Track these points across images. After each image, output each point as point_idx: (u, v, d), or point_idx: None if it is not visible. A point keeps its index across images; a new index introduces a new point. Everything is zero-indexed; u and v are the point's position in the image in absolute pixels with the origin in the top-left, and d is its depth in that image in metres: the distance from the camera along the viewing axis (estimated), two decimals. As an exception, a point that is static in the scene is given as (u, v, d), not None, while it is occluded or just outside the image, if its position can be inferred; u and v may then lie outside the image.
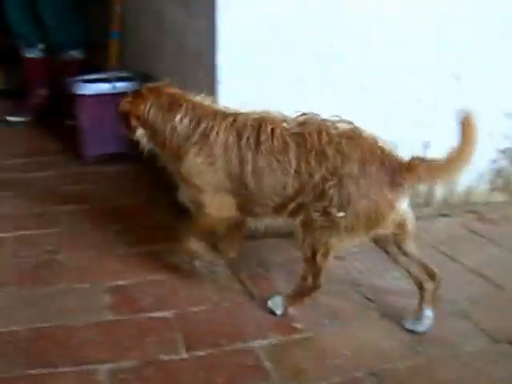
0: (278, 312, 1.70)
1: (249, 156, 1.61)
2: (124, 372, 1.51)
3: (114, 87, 2.72)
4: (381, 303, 1.83)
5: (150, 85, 1.81)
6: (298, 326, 1.70)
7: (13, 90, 3.58)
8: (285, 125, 1.62)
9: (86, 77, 2.80)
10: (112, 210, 2.41)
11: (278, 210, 1.65)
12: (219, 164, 1.64)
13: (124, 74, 2.83)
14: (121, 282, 1.90)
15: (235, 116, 1.67)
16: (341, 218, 1.53)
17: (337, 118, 1.60)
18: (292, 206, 1.61)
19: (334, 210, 1.53)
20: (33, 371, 1.50)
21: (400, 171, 1.53)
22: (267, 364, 1.55)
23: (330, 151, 1.54)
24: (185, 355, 1.58)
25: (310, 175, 1.57)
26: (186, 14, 2.27)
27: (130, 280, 1.91)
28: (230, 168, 1.63)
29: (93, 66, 3.21)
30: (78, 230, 2.23)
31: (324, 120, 1.61)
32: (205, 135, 1.65)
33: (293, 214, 1.63)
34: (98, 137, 2.79)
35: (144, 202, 2.48)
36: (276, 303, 1.71)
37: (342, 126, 1.59)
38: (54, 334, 1.65)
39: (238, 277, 1.93)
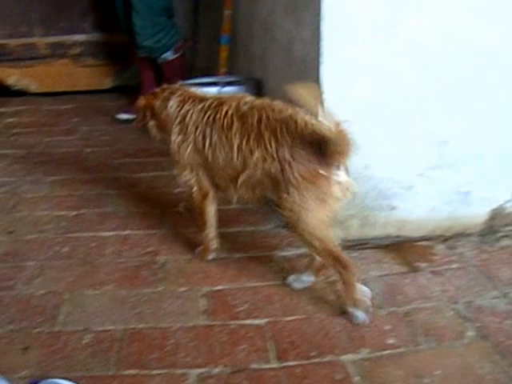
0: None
1: (207, 132, 2.17)
2: (213, 378, 1.81)
3: (221, 91, 3.15)
4: (477, 322, 2.03)
5: (164, 85, 2.41)
6: (391, 341, 1.94)
7: (128, 87, 4.20)
8: (240, 106, 2.12)
9: (196, 80, 3.24)
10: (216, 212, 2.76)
11: (234, 182, 2.15)
12: (190, 140, 2.23)
13: (232, 79, 3.28)
14: (218, 288, 2.23)
15: (210, 99, 2.24)
16: (287, 199, 1.99)
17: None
18: (243, 178, 2.10)
19: (281, 193, 2.00)
20: (125, 372, 1.84)
21: (327, 149, 1.92)
22: (356, 379, 1.79)
23: (266, 135, 2.01)
24: (275, 365, 1.85)
25: (251, 152, 2.05)
26: (294, 22, 2.56)
27: (227, 286, 2.24)
28: (196, 143, 2.22)
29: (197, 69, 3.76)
30: (179, 233, 2.61)
31: (272, 105, 2.10)
32: (184, 116, 2.25)
33: (250, 188, 2.13)
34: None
35: (250, 207, 2.80)
36: None
37: (284, 111, 2.05)
38: (148, 336, 1.98)
39: (333, 288, 2.20)
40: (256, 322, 2.06)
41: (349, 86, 2.30)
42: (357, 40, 2.26)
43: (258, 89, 3.20)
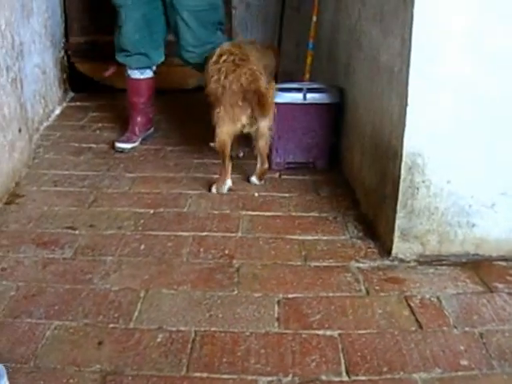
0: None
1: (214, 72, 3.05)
2: (282, 387, 1.84)
3: (305, 98, 3.19)
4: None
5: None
6: (465, 362, 1.90)
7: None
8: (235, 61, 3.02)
9: (279, 85, 3.26)
10: (294, 219, 2.80)
11: None
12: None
13: (316, 86, 3.29)
14: (292, 295, 2.23)
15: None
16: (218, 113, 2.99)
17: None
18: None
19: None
20: (195, 374, 1.86)
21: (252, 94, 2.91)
22: (428, 399, 1.78)
23: (222, 76, 2.99)
24: (345, 378, 1.85)
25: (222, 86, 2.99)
26: (382, 31, 2.55)
27: (302, 294, 2.24)
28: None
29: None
30: (256, 237, 2.63)
31: (239, 55, 3.05)
32: (216, 66, 3.05)
33: None
34: (287, 145, 3.29)
35: (327, 214, 2.85)
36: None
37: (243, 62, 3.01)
38: (220, 340, 2.00)
39: (408, 303, 2.19)
40: (328, 332, 2.05)
41: (435, 99, 2.28)
42: (446, 53, 2.23)
43: (341, 96, 3.20)
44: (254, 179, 3.19)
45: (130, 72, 3.64)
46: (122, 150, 3.59)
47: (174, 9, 3.37)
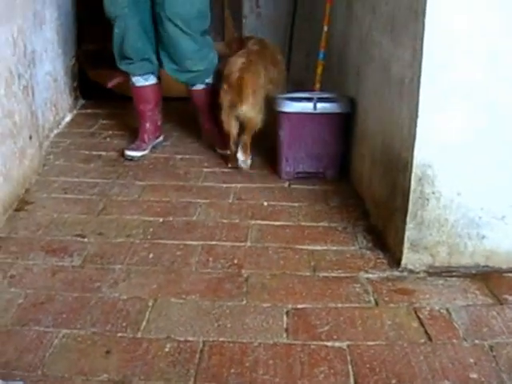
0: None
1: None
2: (290, 398, 1.83)
3: (316, 107, 3.18)
4: None
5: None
6: (474, 375, 1.89)
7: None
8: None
9: (290, 95, 3.30)
10: (303, 229, 2.79)
11: None
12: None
13: (326, 95, 3.29)
14: (301, 306, 2.23)
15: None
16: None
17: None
18: None
19: None
20: None
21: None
22: (437, 412, 1.77)
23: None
24: None
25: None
26: (393, 41, 2.55)
27: (311, 305, 2.23)
28: None
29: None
30: (265, 247, 2.63)
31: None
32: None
33: None
34: (296, 154, 3.29)
35: (337, 224, 2.84)
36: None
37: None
38: (228, 350, 2.00)
39: (417, 315, 2.18)
40: (337, 344, 2.04)
41: (445, 111, 2.28)
42: (457, 65, 2.23)
43: (352, 107, 3.20)
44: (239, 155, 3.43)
45: (134, 80, 3.67)
46: (132, 158, 3.60)
47: (168, 19, 3.39)
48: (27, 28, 3.25)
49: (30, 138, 3.16)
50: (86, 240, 2.68)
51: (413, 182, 2.35)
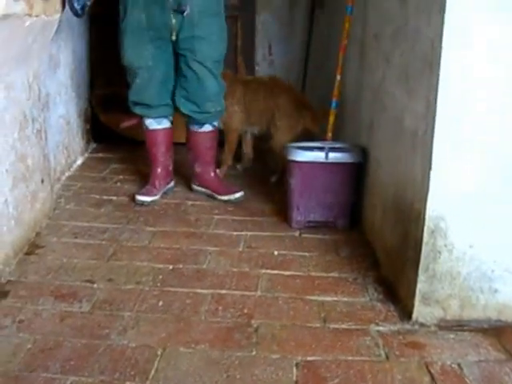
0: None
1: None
2: None
3: (328, 157, 3.22)
4: None
5: None
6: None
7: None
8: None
9: (302, 144, 3.35)
10: (313, 279, 2.79)
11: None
12: None
13: (337, 145, 3.33)
14: (311, 358, 2.22)
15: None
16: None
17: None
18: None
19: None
20: None
21: None
22: None
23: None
24: None
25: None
26: (406, 93, 2.59)
27: (321, 357, 2.23)
28: None
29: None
30: (275, 297, 2.63)
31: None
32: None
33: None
34: (308, 203, 3.31)
35: (347, 275, 2.84)
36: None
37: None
38: None
39: (428, 370, 2.17)
40: (347, 398, 2.04)
41: (459, 163, 2.30)
42: (472, 117, 2.25)
43: (363, 156, 3.24)
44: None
45: (147, 123, 3.70)
46: (142, 203, 3.62)
47: (198, 62, 3.46)
48: (42, 72, 3.31)
49: (42, 181, 3.20)
50: (95, 286, 2.69)
51: (425, 235, 2.36)
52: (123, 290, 2.66)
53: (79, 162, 4.29)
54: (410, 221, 2.51)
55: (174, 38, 3.43)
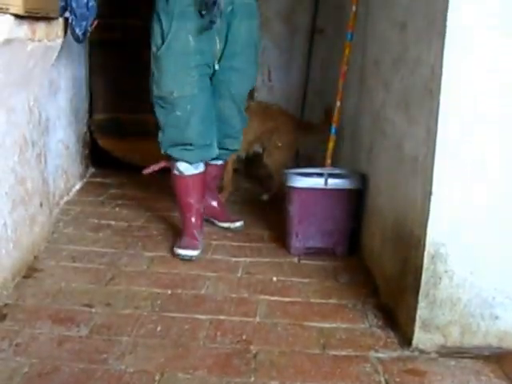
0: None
1: None
2: None
3: (327, 183, 3.24)
4: None
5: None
6: None
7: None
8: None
9: (301, 170, 3.37)
10: (312, 306, 2.79)
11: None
12: None
13: (337, 171, 3.35)
14: (310, 386, 2.23)
15: None
16: None
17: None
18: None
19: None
20: None
21: None
22: None
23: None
24: None
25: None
26: (406, 119, 2.61)
27: (320, 384, 2.24)
28: None
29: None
30: (274, 323, 2.62)
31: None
32: None
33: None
34: (307, 230, 3.31)
35: (347, 301, 2.84)
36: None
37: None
38: None
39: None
40: (346, 427, 2.03)
41: (460, 188, 2.31)
42: (472, 143, 2.27)
43: (363, 183, 3.25)
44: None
45: (182, 168, 3.29)
46: (190, 258, 3.25)
47: (230, 97, 3.30)
48: (43, 96, 3.33)
49: (41, 205, 3.21)
50: (93, 310, 2.68)
51: (426, 261, 2.36)
52: (121, 315, 2.65)
53: (78, 186, 4.31)
54: (409, 246, 2.51)
55: (217, 66, 3.18)
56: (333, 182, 3.24)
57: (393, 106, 2.85)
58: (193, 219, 3.37)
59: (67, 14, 3.09)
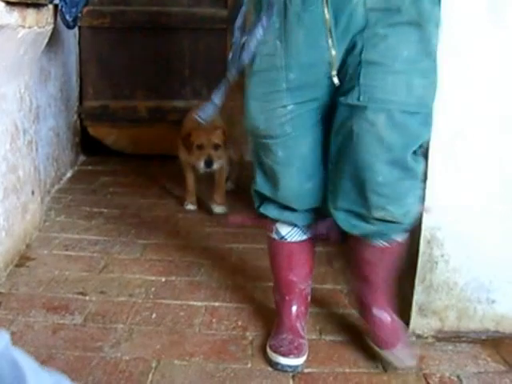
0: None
1: None
2: None
3: None
4: None
5: None
6: None
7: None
8: None
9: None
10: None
11: None
12: None
13: None
14: (307, 370, 2.19)
15: None
16: None
17: None
18: None
19: None
20: None
21: None
22: None
23: None
24: None
25: None
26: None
27: (317, 369, 2.20)
28: None
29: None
30: (270, 309, 2.58)
31: None
32: None
33: None
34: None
35: (341, 287, 2.83)
36: None
37: None
38: None
39: (427, 382, 2.15)
40: (344, 410, 2.02)
41: (455, 172, 2.29)
42: (469, 129, 2.25)
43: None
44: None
45: (284, 232, 2.30)
46: (294, 370, 2.19)
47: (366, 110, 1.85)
48: (33, 84, 3.29)
49: (33, 193, 3.17)
50: (87, 298, 2.65)
51: (421, 245, 2.35)
52: (116, 303, 2.63)
53: (69, 174, 4.28)
54: (405, 231, 2.50)
55: (336, 81, 1.90)
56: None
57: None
58: (294, 306, 2.36)
59: (57, 1, 3.06)
